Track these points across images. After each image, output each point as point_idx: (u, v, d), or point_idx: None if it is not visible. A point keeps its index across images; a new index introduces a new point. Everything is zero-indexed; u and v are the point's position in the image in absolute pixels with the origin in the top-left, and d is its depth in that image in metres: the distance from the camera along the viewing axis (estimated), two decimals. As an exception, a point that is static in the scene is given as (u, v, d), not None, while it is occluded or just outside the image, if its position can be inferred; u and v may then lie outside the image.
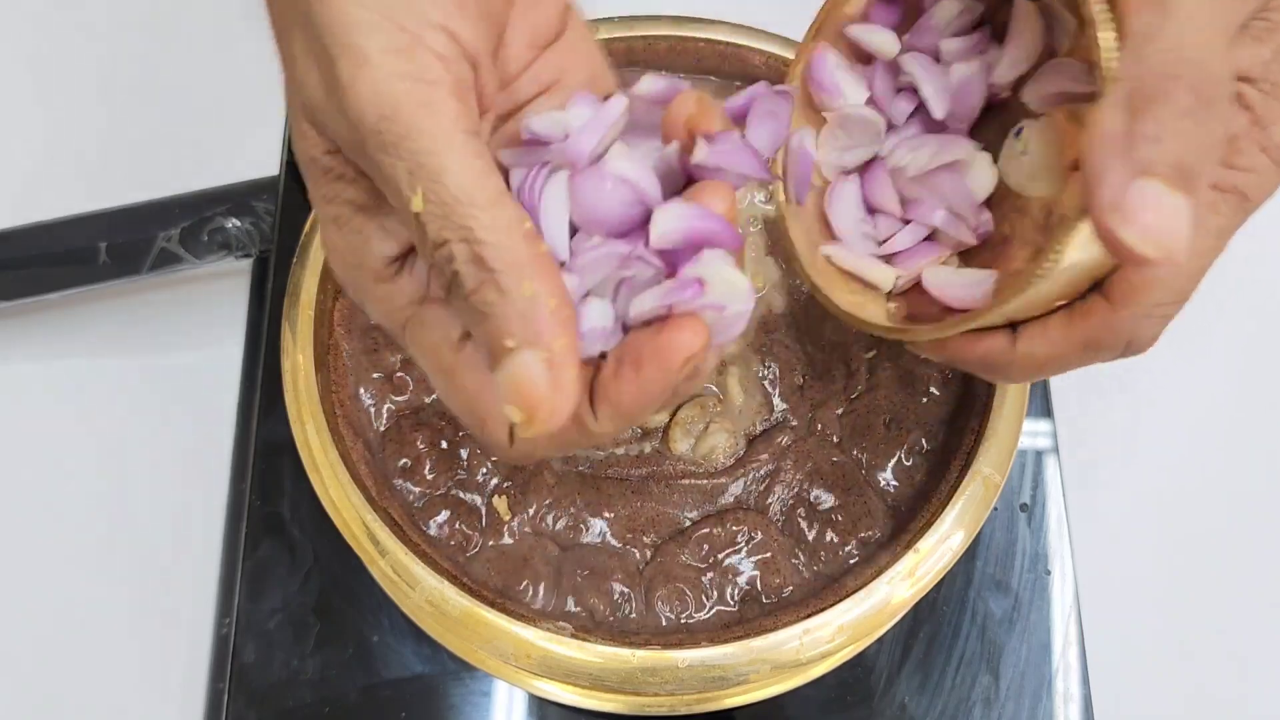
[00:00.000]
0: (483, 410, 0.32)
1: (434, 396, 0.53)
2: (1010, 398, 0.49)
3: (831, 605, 0.46)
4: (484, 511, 0.50)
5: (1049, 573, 0.59)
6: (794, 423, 0.53)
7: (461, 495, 0.50)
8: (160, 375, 0.65)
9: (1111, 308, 0.33)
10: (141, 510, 0.62)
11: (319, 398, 0.49)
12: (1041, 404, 0.63)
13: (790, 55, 0.56)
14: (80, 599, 0.60)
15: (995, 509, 0.58)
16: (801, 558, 0.50)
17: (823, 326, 0.54)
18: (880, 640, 0.57)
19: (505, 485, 0.50)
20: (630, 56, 0.57)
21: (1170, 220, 0.28)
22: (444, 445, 0.51)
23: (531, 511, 0.50)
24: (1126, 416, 0.66)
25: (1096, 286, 0.35)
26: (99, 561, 0.61)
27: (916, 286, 0.42)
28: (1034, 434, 0.62)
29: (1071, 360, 0.35)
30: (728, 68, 0.57)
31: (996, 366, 0.37)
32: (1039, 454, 0.62)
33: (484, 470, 0.51)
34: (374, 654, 0.56)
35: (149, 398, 0.65)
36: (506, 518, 0.50)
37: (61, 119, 0.71)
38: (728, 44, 0.56)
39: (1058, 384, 0.63)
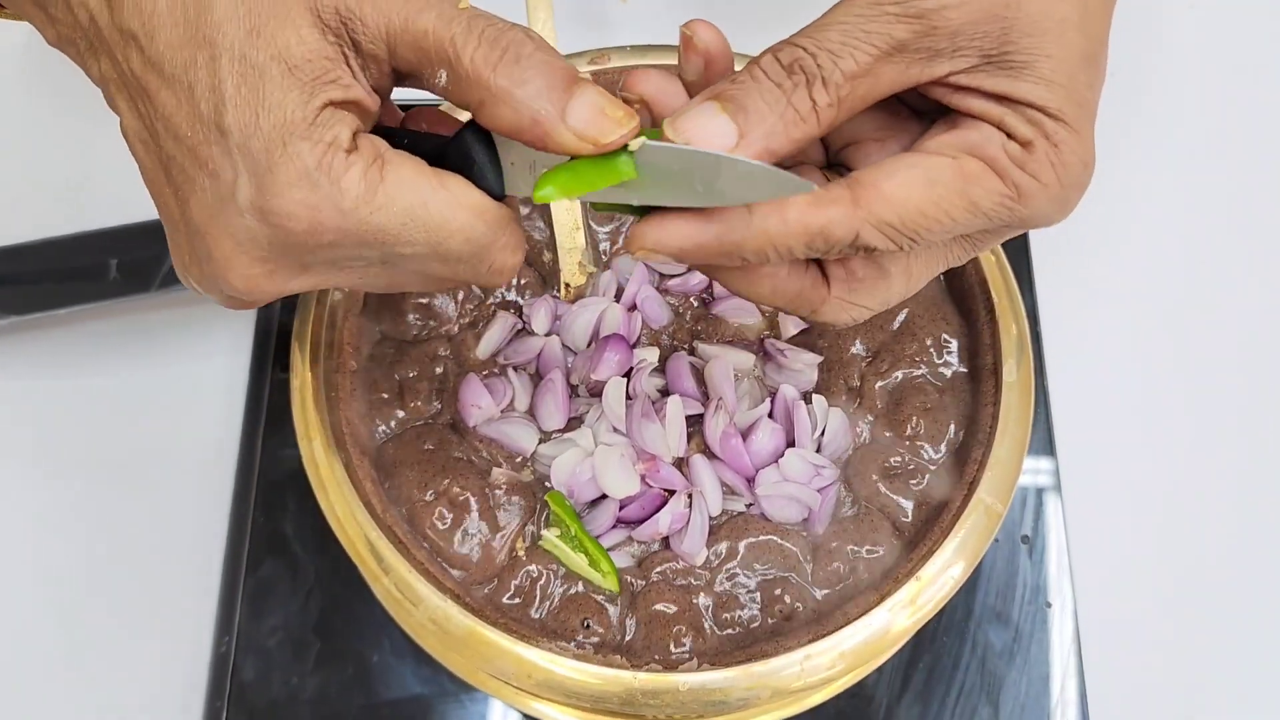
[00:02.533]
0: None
1: (440, 414, 0.53)
2: (1012, 426, 0.50)
3: (832, 632, 0.46)
4: (498, 547, 0.50)
5: (1049, 605, 0.59)
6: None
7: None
8: (167, 392, 0.65)
9: (853, 203, 0.36)
10: (145, 526, 0.62)
11: (326, 415, 0.49)
12: (1045, 442, 0.63)
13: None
14: (81, 614, 0.60)
15: (997, 540, 0.58)
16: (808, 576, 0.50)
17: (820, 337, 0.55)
18: (880, 670, 0.57)
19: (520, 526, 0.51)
20: (641, 85, 0.58)
21: (707, 128, 0.35)
22: (458, 455, 0.51)
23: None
24: (1129, 454, 0.66)
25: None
26: (101, 576, 0.61)
27: None
28: (1036, 471, 0.62)
29: (798, 243, 0.36)
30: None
31: (733, 243, 0.37)
32: (1040, 490, 0.62)
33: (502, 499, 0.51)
34: (373, 674, 0.56)
35: (155, 414, 0.65)
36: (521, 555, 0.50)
37: (74, 136, 0.72)
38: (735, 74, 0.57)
39: (1060, 422, 0.64)
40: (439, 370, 0.54)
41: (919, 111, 0.40)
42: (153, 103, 0.36)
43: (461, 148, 0.38)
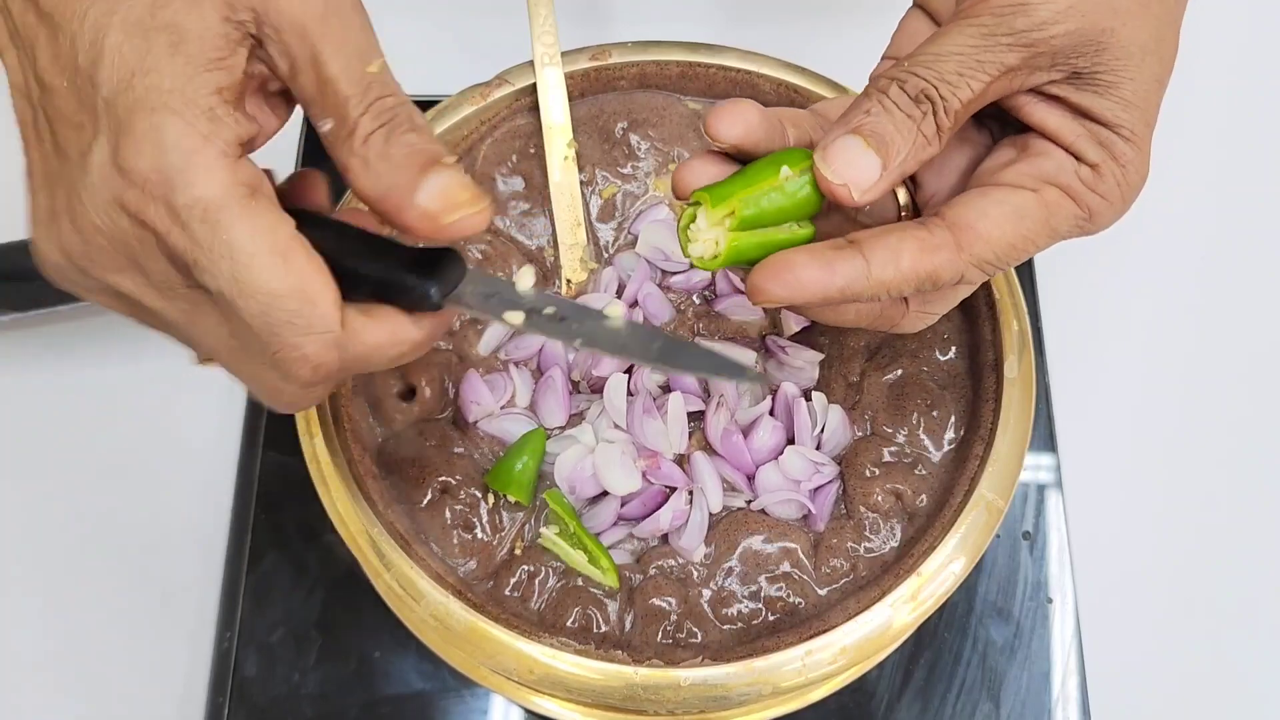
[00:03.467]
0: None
1: (442, 410, 0.53)
2: (1014, 422, 0.50)
3: (834, 627, 0.46)
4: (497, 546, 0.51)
5: (1050, 601, 0.59)
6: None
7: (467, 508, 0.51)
8: (169, 388, 0.65)
9: (957, 248, 0.39)
10: (146, 521, 0.62)
11: (328, 412, 0.49)
12: (1046, 438, 0.63)
13: (798, 81, 0.57)
14: (83, 609, 0.61)
15: (998, 536, 0.58)
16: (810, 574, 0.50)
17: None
18: (881, 666, 0.57)
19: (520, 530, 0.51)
20: (644, 81, 0.58)
21: (857, 164, 0.38)
22: (459, 450, 0.51)
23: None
24: (1130, 450, 0.66)
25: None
26: (103, 571, 0.61)
27: None
28: (1037, 467, 0.62)
29: (909, 287, 0.39)
30: (738, 94, 0.57)
31: (854, 292, 0.40)
32: (1041, 487, 0.62)
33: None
34: (375, 670, 0.56)
35: (157, 410, 0.65)
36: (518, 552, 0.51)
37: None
38: (738, 70, 0.57)
39: (1061, 418, 0.64)
40: (440, 366, 0.54)
41: (979, 118, 0.43)
42: (36, 54, 0.35)
43: (436, 259, 0.38)
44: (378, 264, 0.38)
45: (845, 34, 0.74)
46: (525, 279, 0.40)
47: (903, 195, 0.44)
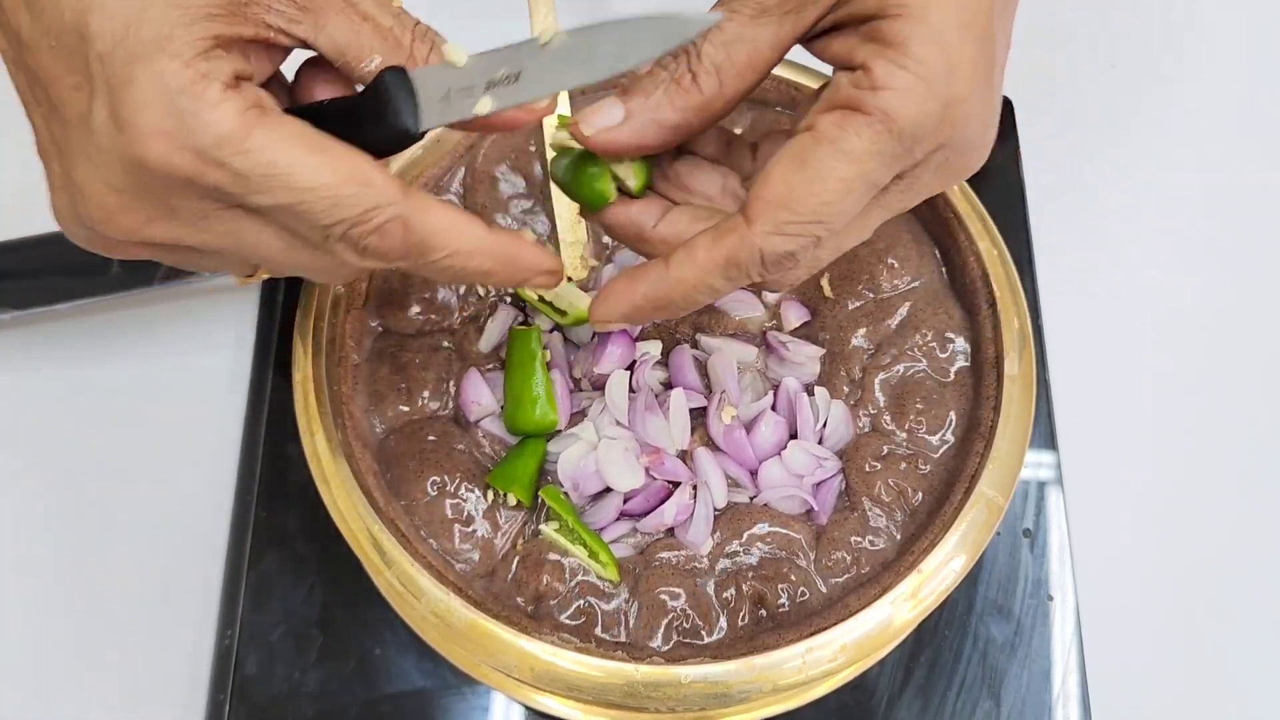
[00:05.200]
0: None
1: (443, 407, 0.53)
2: (1014, 420, 0.50)
3: (834, 624, 0.46)
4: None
5: (1051, 599, 0.59)
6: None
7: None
8: (169, 386, 0.65)
9: (746, 224, 0.37)
10: (147, 520, 0.62)
11: (329, 409, 0.49)
12: (1046, 435, 0.63)
13: (797, 79, 0.57)
14: (83, 607, 0.60)
15: (998, 533, 0.58)
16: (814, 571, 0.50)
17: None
18: (881, 663, 0.57)
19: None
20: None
21: (604, 112, 0.39)
22: (459, 447, 0.51)
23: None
24: (1130, 447, 0.66)
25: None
26: (103, 570, 0.61)
27: None
28: (1038, 465, 0.62)
29: (717, 279, 0.38)
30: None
31: (660, 297, 0.40)
32: (1042, 484, 0.62)
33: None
34: (375, 667, 0.56)
35: (158, 408, 0.65)
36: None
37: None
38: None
39: (1062, 416, 0.64)
40: (441, 364, 0.54)
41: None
42: (20, 18, 0.35)
43: (379, 89, 0.38)
44: (354, 133, 0.38)
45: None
46: (456, 54, 0.39)
47: None
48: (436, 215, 0.38)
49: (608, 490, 0.51)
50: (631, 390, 0.52)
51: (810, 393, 0.53)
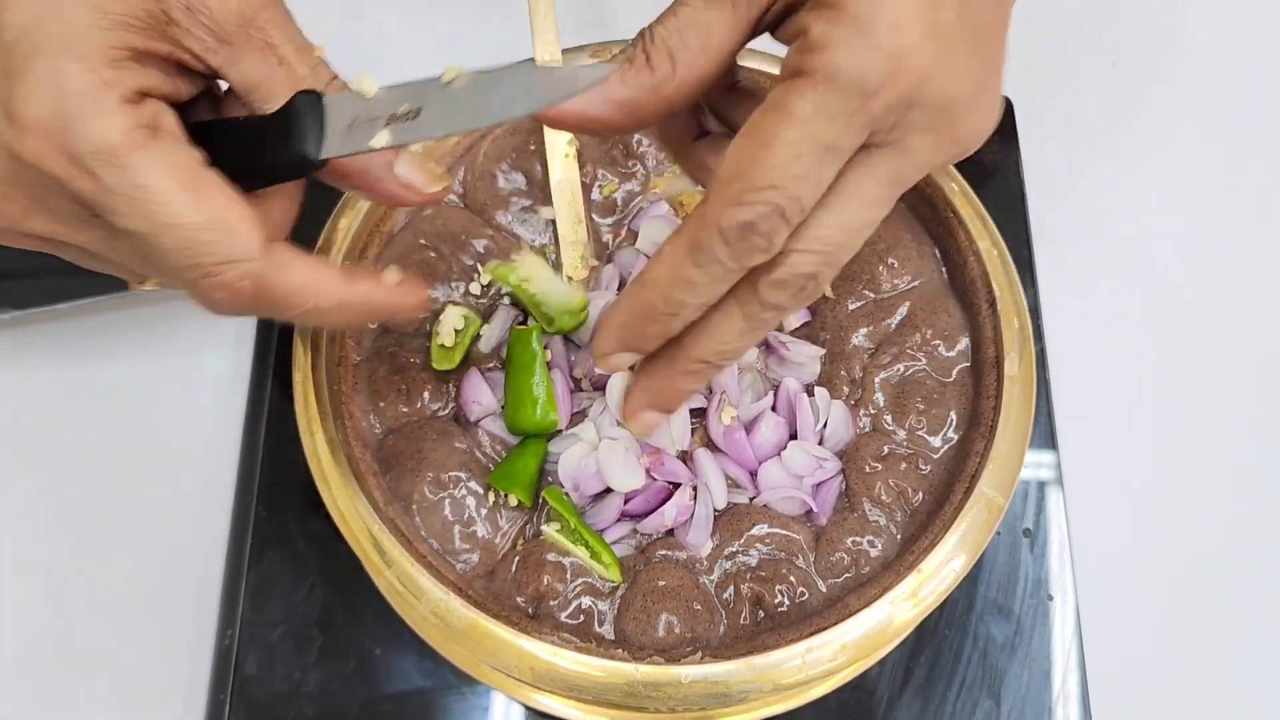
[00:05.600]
0: None
1: (443, 407, 0.53)
2: (1014, 420, 0.50)
3: (834, 624, 0.46)
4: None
5: (1051, 598, 0.59)
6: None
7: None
8: (170, 385, 0.65)
9: (702, 202, 0.37)
10: (147, 520, 0.62)
11: (329, 409, 0.49)
12: (1046, 435, 0.63)
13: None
14: (83, 607, 0.60)
15: (998, 533, 0.58)
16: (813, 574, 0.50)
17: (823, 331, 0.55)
18: (881, 663, 0.57)
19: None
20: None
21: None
22: (460, 447, 0.51)
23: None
24: (1130, 447, 0.66)
25: None
26: (103, 570, 0.61)
27: None
28: (1038, 464, 0.62)
29: (687, 268, 0.37)
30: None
31: (642, 305, 0.39)
32: (1042, 484, 0.62)
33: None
34: (375, 667, 0.56)
35: (158, 408, 0.65)
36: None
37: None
38: (738, 67, 0.57)
39: (1062, 416, 0.64)
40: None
41: None
42: None
43: (290, 111, 0.38)
44: (258, 153, 0.38)
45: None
46: (366, 84, 0.39)
47: None
48: (296, 272, 0.38)
49: (608, 491, 0.51)
50: None
51: (810, 393, 0.53)
